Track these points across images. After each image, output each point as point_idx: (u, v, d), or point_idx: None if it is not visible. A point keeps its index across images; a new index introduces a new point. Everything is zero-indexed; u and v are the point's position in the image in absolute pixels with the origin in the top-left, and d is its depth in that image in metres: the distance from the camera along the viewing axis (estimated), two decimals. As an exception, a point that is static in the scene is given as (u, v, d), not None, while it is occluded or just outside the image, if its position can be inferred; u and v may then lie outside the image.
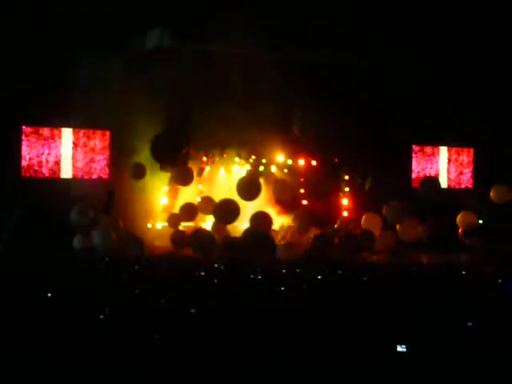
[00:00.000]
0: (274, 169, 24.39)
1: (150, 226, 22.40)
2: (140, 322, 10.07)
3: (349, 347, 8.84)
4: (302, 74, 22.74)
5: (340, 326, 9.85)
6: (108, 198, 21.08)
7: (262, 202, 22.86)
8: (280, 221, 23.12)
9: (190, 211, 22.09)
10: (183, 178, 22.63)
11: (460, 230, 22.52)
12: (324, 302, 11.92)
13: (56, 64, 21.77)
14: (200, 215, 22.59)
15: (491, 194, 23.22)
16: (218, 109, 22.19)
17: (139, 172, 21.85)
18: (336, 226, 23.08)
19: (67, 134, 22.50)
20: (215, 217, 21.57)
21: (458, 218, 22.61)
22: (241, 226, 22.15)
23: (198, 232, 20.97)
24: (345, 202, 24.73)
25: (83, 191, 21.67)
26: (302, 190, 24.21)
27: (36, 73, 21.40)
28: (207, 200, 22.29)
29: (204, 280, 15.03)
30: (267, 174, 23.94)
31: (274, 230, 21.94)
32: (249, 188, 21.87)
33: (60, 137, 22.40)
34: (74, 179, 22.54)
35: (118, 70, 22.28)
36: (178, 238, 20.95)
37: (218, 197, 22.46)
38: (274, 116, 22.81)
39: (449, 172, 27.05)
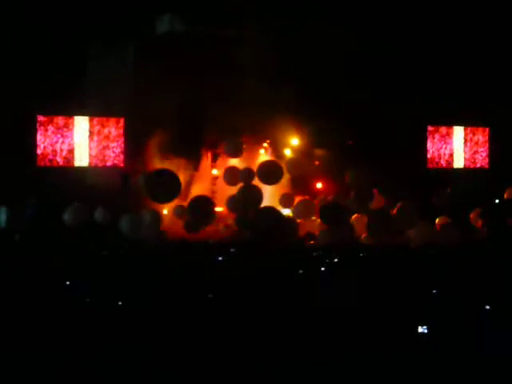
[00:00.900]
0: (288, 152, 24.36)
1: (165, 212, 22.36)
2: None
3: (370, 329, 8.84)
4: (316, 57, 22.64)
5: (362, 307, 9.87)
6: (123, 181, 21.04)
7: (279, 187, 22.82)
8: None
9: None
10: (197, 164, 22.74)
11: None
12: (345, 284, 11.92)
13: (70, 53, 21.82)
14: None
15: None
16: (231, 93, 22.12)
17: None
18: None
19: (81, 122, 22.52)
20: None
21: None
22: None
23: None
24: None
25: (98, 179, 21.64)
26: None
27: (50, 62, 21.45)
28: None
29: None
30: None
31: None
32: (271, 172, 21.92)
33: (74, 125, 22.40)
34: (89, 167, 22.54)
35: (131, 58, 22.27)
36: None
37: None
38: (288, 100, 22.70)
39: (464, 152, 26.90)
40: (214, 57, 21.87)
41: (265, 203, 21.66)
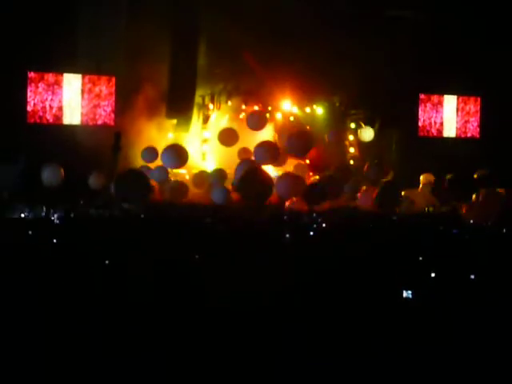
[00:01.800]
0: (279, 116, 24.36)
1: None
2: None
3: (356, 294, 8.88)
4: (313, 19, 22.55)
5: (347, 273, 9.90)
6: (115, 139, 20.93)
7: None
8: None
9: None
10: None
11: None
12: (331, 250, 11.97)
13: (61, 9, 21.57)
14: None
15: None
16: (223, 54, 22.04)
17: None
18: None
19: (73, 79, 22.36)
20: None
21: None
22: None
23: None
24: (351, 150, 24.72)
25: (89, 137, 21.52)
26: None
27: (41, 18, 21.21)
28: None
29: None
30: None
31: None
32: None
33: (65, 83, 22.24)
34: (80, 125, 22.42)
35: (124, 15, 22.08)
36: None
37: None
38: (281, 62, 22.62)
39: (455, 121, 26.88)
40: (209, 14, 21.72)
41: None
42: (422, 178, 22.56)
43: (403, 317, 8.07)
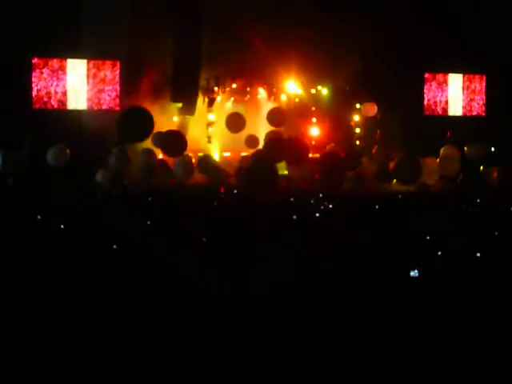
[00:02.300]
0: (284, 97, 24.42)
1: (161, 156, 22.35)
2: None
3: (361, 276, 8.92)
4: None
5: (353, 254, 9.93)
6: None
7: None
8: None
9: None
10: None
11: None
12: (337, 230, 11.98)
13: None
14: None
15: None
16: (228, 37, 21.99)
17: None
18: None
19: (77, 64, 22.37)
20: None
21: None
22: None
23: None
24: (357, 130, 24.76)
25: (95, 122, 21.55)
26: (313, 119, 24.32)
27: (44, 4, 21.22)
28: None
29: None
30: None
31: None
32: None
33: (69, 68, 22.25)
34: (85, 110, 22.45)
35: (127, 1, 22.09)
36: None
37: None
38: (285, 44, 22.61)
39: (461, 99, 26.81)
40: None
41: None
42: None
43: (410, 296, 8.11)
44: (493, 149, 23.26)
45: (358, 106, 24.73)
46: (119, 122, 20.02)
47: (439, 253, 9.93)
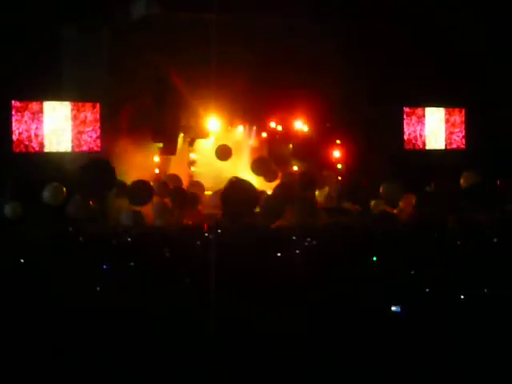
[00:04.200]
0: (264, 135, 24.51)
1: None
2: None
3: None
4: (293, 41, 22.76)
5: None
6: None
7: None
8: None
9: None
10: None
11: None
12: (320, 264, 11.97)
13: (44, 37, 21.63)
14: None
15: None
16: (208, 77, 22.07)
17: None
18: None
19: (57, 107, 22.37)
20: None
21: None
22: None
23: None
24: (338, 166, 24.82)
25: (76, 164, 21.50)
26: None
27: (24, 47, 21.25)
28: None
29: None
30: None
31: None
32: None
33: (50, 110, 22.25)
34: (66, 152, 22.41)
35: (107, 42, 22.16)
36: None
37: (209, 165, 22.70)
38: (265, 81, 22.76)
39: (441, 133, 26.94)
40: (190, 41, 21.79)
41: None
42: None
43: (393, 331, 8.09)
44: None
45: (338, 141, 24.81)
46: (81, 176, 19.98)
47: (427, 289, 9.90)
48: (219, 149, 23.02)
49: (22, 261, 13.20)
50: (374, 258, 9.86)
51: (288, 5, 22.08)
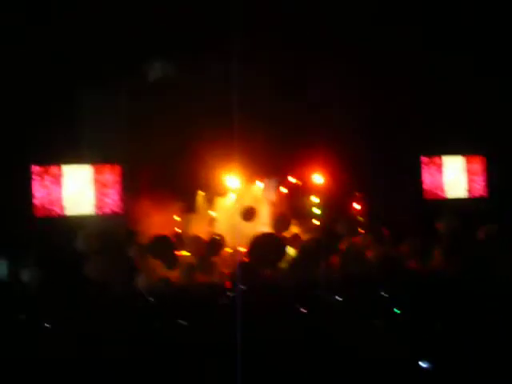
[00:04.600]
0: (284, 190, 24.58)
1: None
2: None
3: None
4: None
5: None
6: (127, 236, 21.13)
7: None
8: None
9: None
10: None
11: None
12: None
13: (62, 101, 21.90)
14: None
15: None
16: (225, 135, 22.24)
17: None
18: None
19: (78, 170, 22.53)
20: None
21: None
22: None
23: None
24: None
25: (98, 226, 21.60)
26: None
27: (43, 112, 21.51)
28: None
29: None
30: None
31: None
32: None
33: (70, 174, 22.41)
34: (88, 215, 22.50)
35: (124, 104, 22.39)
36: None
37: (230, 223, 22.73)
38: (283, 137, 22.91)
39: (462, 181, 26.83)
40: (207, 100, 22.01)
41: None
42: None
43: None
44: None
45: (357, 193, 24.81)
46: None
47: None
48: (244, 210, 23.19)
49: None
50: (397, 311, 9.75)
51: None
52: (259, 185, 24.64)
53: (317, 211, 24.31)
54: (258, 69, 22.12)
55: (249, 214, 23.08)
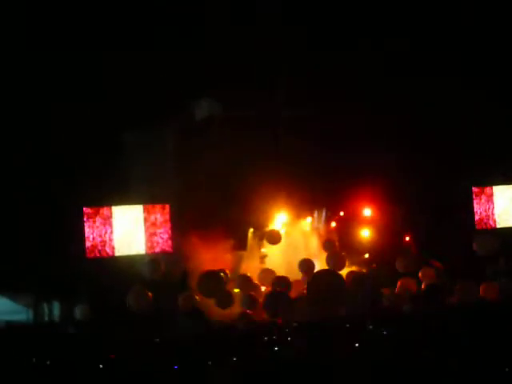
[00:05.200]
0: (333, 224, 24.52)
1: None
2: None
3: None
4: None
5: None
6: (182, 277, 21.23)
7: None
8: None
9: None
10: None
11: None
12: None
13: (110, 143, 22.16)
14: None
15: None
16: (274, 171, 22.33)
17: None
18: None
19: (127, 211, 22.72)
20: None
21: None
22: None
23: None
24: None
25: (148, 266, 21.72)
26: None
27: (92, 154, 21.80)
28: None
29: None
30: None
31: None
32: None
33: (120, 215, 22.60)
34: (139, 255, 22.63)
35: (171, 144, 22.59)
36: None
37: (282, 258, 22.70)
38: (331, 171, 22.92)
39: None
40: (256, 139, 22.12)
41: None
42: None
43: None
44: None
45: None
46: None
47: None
48: (268, 233, 23.27)
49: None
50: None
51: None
52: (308, 219, 24.61)
53: (367, 245, 24.17)
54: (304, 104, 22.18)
55: (272, 237, 23.04)
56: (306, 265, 22.56)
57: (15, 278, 20.67)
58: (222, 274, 21.51)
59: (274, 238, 23.20)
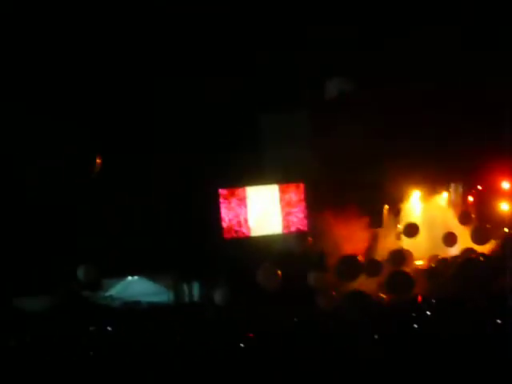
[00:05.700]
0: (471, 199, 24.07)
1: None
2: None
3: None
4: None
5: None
6: (319, 259, 21.23)
7: None
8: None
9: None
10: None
11: None
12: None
13: (244, 125, 22.30)
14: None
15: None
16: (409, 145, 22.00)
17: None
18: None
19: (262, 191, 22.84)
20: None
21: None
22: None
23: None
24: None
25: (285, 245, 21.85)
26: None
27: (226, 136, 21.99)
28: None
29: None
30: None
31: None
32: None
33: (255, 195, 22.75)
34: (274, 235, 22.74)
35: (304, 123, 22.54)
36: None
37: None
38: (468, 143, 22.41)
39: None
40: (385, 113, 21.84)
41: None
42: None
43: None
44: None
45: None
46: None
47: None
48: (406, 227, 23.07)
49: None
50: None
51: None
52: (444, 194, 24.25)
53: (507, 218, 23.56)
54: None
55: (411, 230, 22.72)
56: (450, 238, 22.28)
57: (157, 260, 21.11)
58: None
59: (412, 232, 22.85)
